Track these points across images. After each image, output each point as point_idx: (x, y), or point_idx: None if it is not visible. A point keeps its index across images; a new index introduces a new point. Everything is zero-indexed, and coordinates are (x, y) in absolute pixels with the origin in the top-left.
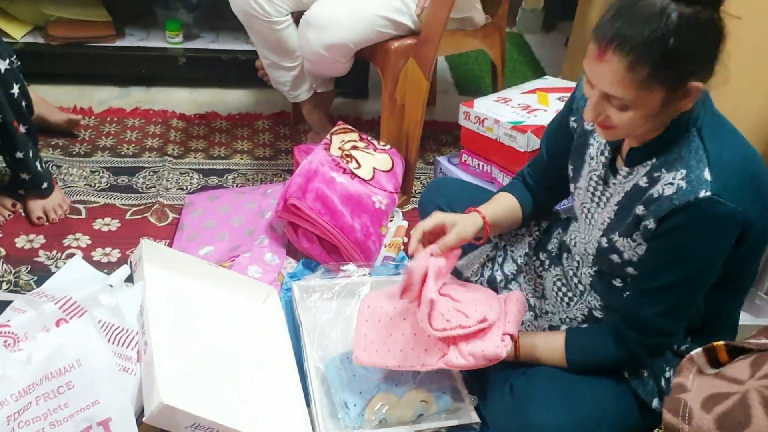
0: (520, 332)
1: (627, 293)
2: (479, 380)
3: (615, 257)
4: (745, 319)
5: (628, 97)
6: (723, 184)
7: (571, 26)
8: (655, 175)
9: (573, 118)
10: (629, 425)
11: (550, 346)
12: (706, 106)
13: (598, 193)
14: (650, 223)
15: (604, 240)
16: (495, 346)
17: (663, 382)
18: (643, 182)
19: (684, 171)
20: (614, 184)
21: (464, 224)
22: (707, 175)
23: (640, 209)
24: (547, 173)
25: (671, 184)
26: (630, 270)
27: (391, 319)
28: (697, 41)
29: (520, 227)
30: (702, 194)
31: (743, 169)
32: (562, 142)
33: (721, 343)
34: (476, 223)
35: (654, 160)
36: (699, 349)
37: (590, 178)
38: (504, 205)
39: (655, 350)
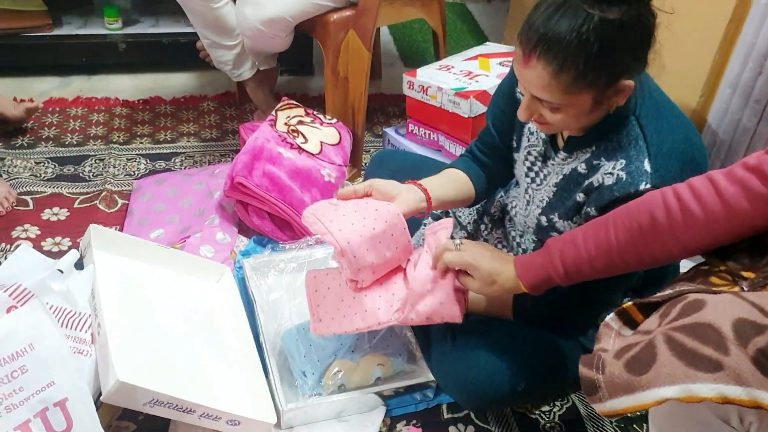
0: None
1: None
2: (427, 339)
3: (555, 234)
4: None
5: (556, 100)
6: (662, 174)
7: None
8: (595, 162)
9: (519, 89)
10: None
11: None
12: (644, 92)
13: (536, 169)
14: (592, 211)
15: (543, 219)
16: (456, 315)
17: None
18: (582, 168)
19: (624, 161)
20: (552, 164)
21: (406, 198)
22: (647, 166)
23: (580, 196)
24: (496, 144)
25: (611, 174)
26: None
27: (339, 285)
28: (622, 43)
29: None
30: (642, 186)
31: (682, 154)
32: (508, 112)
33: (630, 303)
34: (417, 195)
35: (593, 148)
36: (612, 314)
37: (528, 153)
38: (451, 180)
39: (598, 316)
